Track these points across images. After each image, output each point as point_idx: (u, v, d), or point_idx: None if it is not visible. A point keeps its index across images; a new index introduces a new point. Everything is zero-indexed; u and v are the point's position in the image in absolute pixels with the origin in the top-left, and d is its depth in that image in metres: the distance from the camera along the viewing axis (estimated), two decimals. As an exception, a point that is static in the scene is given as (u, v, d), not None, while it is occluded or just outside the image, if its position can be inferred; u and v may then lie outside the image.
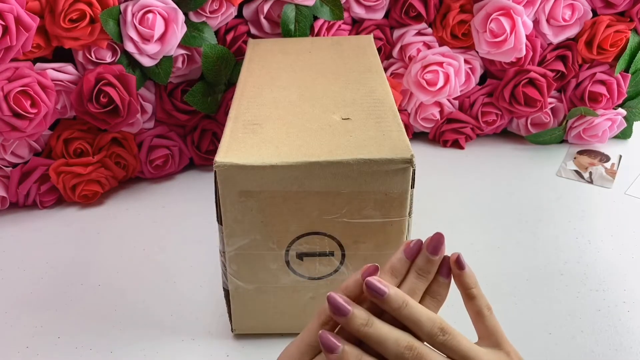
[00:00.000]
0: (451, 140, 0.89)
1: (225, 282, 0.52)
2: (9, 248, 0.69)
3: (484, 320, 0.39)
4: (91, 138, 0.75)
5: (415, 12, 0.81)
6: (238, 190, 0.46)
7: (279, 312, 0.53)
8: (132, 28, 0.69)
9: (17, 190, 0.74)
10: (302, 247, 0.49)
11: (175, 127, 0.81)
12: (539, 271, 0.63)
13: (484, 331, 0.39)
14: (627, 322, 0.56)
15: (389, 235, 0.48)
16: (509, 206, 0.75)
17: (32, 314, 0.59)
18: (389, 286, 0.37)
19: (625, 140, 0.91)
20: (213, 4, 0.73)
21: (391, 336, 0.36)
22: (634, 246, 0.67)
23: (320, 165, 0.45)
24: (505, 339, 0.39)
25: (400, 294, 0.37)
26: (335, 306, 0.36)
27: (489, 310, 0.39)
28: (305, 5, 0.77)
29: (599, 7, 0.80)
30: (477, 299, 0.40)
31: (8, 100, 0.65)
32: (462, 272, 0.40)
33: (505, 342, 0.38)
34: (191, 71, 0.78)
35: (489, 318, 0.39)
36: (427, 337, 0.36)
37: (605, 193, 0.78)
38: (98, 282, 0.63)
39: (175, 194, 0.80)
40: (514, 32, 0.78)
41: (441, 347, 0.36)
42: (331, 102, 0.54)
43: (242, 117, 0.51)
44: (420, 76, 0.83)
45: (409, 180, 0.46)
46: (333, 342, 0.36)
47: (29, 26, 0.63)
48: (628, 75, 0.84)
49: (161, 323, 0.58)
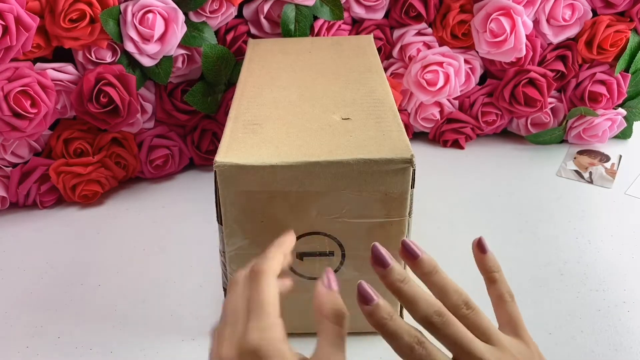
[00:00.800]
0: (451, 140, 0.89)
1: (225, 282, 0.52)
2: (9, 248, 0.69)
3: (505, 305, 0.39)
4: (91, 138, 0.75)
5: (415, 12, 0.81)
6: (238, 190, 0.46)
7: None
8: (132, 28, 0.69)
9: (17, 190, 0.74)
10: (302, 247, 0.49)
11: (175, 127, 0.81)
12: (539, 271, 0.63)
13: (505, 317, 0.38)
14: (627, 322, 0.56)
15: (389, 235, 0.48)
16: (509, 206, 0.75)
17: (32, 314, 0.59)
18: (422, 251, 0.37)
19: (625, 140, 0.91)
20: (213, 4, 0.73)
21: (423, 297, 0.36)
22: (634, 246, 0.67)
23: (320, 165, 0.45)
24: (525, 329, 0.38)
25: (433, 261, 0.37)
26: (377, 256, 0.37)
27: (511, 297, 0.39)
28: (305, 5, 0.77)
29: (599, 7, 0.80)
30: (499, 283, 0.39)
31: (8, 100, 0.65)
32: (484, 255, 0.40)
33: (525, 333, 0.38)
34: (191, 71, 0.78)
35: (510, 304, 0.39)
36: (451, 307, 0.36)
37: (605, 193, 0.78)
38: (98, 282, 0.63)
39: (175, 194, 0.80)
40: (514, 32, 0.78)
41: (463, 319, 0.36)
42: (331, 102, 0.54)
43: (242, 117, 0.51)
44: (420, 76, 0.83)
45: (409, 180, 0.46)
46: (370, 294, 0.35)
47: (29, 26, 0.63)
48: (628, 75, 0.84)
49: (161, 323, 0.58)
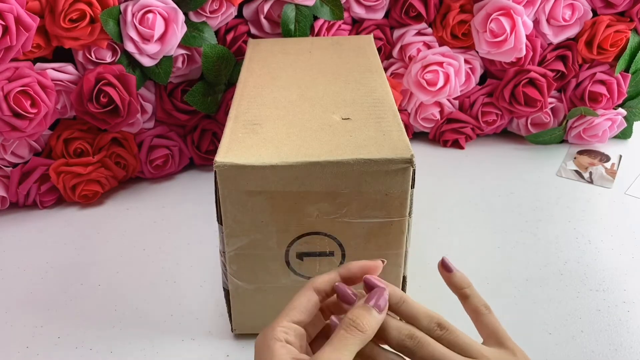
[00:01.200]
0: (451, 140, 0.89)
1: (225, 282, 0.52)
2: (9, 248, 0.69)
3: (482, 318, 0.39)
4: (91, 138, 0.75)
5: (415, 12, 0.81)
6: (238, 190, 0.46)
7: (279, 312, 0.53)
8: (132, 28, 0.69)
9: (17, 190, 0.74)
10: (302, 247, 0.49)
11: (175, 127, 0.81)
12: (539, 271, 0.63)
13: (486, 330, 0.39)
14: (627, 322, 0.56)
15: (389, 235, 0.48)
16: (509, 206, 0.75)
17: (32, 314, 0.59)
18: (387, 284, 0.37)
19: (625, 140, 0.91)
20: (213, 4, 0.73)
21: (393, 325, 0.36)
22: (634, 246, 0.67)
23: (320, 165, 0.45)
24: (508, 337, 0.38)
25: (399, 291, 0.37)
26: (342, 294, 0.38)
27: (487, 308, 0.39)
28: (305, 5, 0.77)
29: (599, 7, 0.80)
30: (471, 298, 0.39)
31: (8, 100, 0.65)
32: (450, 274, 0.40)
33: (508, 341, 0.38)
34: (191, 71, 0.78)
35: (487, 316, 0.39)
36: (424, 331, 0.36)
37: (605, 193, 0.78)
38: (98, 282, 0.63)
39: (175, 194, 0.80)
40: (514, 32, 0.78)
41: (440, 340, 0.36)
42: (331, 102, 0.54)
43: (242, 117, 0.51)
44: (420, 76, 0.83)
45: (409, 180, 0.46)
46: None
47: (29, 26, 0.63)
48: (628, 75, 0.84)
49: (161, 323, 0.58)
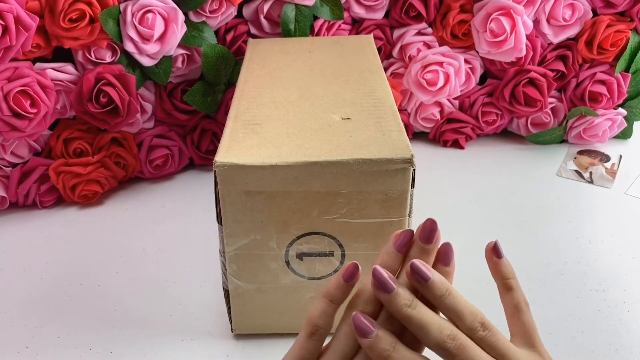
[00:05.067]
0: (451, 140, 0.89)
1: (225, 282, 0.52)
2: (9, 248, 0.69)
3: (521, 315, 0.37)
4: (91, 138, 0.75)
5: (415, 11, 0.81)
6: (238, 190, 0.46)
7: (279, 312, 0.53)
8: (132, 28, 0.69)
9: (17, 190, 0.74)
10: (302, 247, 0.49)
11: (175, 127, 0.81)
12: (539, 271, 0.63)
13: (520, 328, 0.36)
14: (627, 322, 0.56)
15: (389, 235, 0.48)
16: (509, 206, 0.75)
17: (32, 314, 0.59)
18: (433, 272, 0.34)
19: (625, 140, 0.91)
20: (213, 4, 0.73)
21: (434, 322, 0.33)
22: (634, 246, 0.67)
23: (320, 165, 0.45)
24: (539, 339, 0.36)
25: (445, 282, 0.34)
26: (380, 281, 0.34)
27: (527, 305, 0.37)
28: (305, 5, 0.77)
29: (599, 7, 0.80)
30: (514, 292, 0.37)
31: (8, 100, 0.65)
32: (499, 261, 0.38)
33: (539, 343, 0.36)
34: (191, 71, 0.77)
35: (526, 314, 0.37)
36: (466, 330, 0.34)
37: (605, 193, 0.78)
38: (98, 282, 0.63)
39: (175, 194, 0.80)
40: (514, 32, 0.78)
41: (479, 342, 0.34)
42: (331, 102, 0.54)
43: (242, 117, 0.51)
44: (420, 76, 0.83)
45: (409, 180, 0.46)
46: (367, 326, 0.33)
47: (28, 26, 0.62)
48: (628, 75, 0.84)
49: (161, 323, 0.57)
